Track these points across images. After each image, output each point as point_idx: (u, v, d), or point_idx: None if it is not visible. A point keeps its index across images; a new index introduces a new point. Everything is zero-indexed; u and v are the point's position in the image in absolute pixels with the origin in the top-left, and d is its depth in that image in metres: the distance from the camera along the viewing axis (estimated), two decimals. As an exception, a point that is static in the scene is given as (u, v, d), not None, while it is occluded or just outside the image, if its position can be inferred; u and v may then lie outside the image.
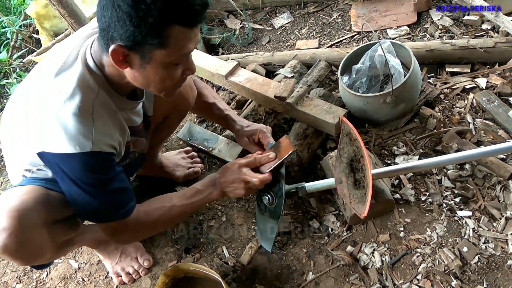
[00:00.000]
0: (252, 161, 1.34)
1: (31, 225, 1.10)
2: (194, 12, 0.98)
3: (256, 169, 1.34)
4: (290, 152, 1.32)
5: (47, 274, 1.67)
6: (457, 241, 1.39)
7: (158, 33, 0.97)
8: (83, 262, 1.67)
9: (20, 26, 3.00)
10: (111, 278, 1.58)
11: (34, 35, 3.00)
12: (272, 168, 1.33)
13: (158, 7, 0.93)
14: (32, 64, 2.71)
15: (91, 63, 1.10)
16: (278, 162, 1.33)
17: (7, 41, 3.00)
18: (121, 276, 1.55)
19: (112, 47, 0.99)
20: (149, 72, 1.06)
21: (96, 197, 1.11)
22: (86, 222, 1.72)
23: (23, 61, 2.82)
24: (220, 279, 1.28)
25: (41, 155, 1.11)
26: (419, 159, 1.60)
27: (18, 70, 2.81)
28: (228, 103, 2.05)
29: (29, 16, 2.87)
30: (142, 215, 1.23)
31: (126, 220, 1.19)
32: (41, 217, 1.13)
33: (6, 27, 3.00)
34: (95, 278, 1.61)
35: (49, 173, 1.20)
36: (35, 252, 1.16)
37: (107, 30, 0.99)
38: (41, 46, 2.82)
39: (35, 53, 2.70)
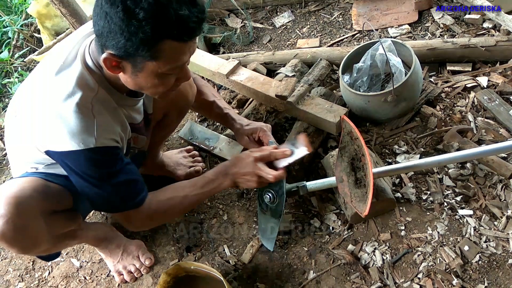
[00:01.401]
0: (267, 155, 1.32)
1: (28, 213, 1.12)
2: (189, 28, 0.97)
3: (269, 163, 1.33)
4: (307, 152, 1.31)
5: (49, 272, 1.68)
6: (458, 240, 1.39)
7: (150, 47, 0.96)
8: (85, 261, 1.67)
9: (21, 26, 3.00)
10: (113, 276, 1.58)
11: (36, 35, 3.00)
12: (286, 165, 1.32)
13: (151, 24, 0.92)
14: (34, 63, 2.71)
15: (90, 63, 1.11)
16: (294, 160, 1.32)
17: (9, 40, 3.00)
18: (122, 274, 1.56)
19: (104, 55, 1.00)
20: (141, 80, 1.07)
21: (105, 190, 1.13)
22: (88, 219, 1.74)
23: (24, 60, 2.82)
24: (222, 278, 1.28)
25: (48, 153, 1.13)
26: (420, 158, 1.60)
27: (19, 69, 2.81)
28: (229, 102, 2.05)
29: (31, 16, 2.88)
30: (154, 205, 1.24)
31: (139, 209, 1.21)
32: (39, 206, 1.14)
33: (7, 26, 3.01)
34: (96, 276, 1.62)
35: (53, 170, 1.21)
36: (32, 240, 1.17)
37: (100, 37, 1.00)
38: (42, 45, 2.83)
39: (36, 52, 2.70)
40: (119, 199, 1.17)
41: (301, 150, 1.32)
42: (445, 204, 1.49)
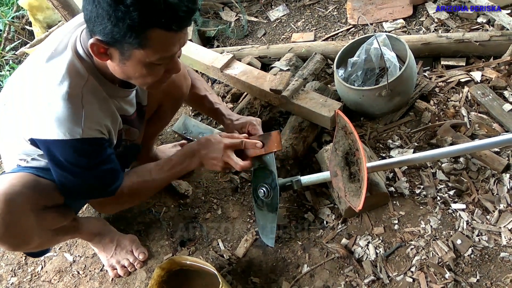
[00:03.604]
0: (238, 144, 1.34)
1: (18, 209, 1.11)
2: (178, 18, 0.95)
3: (238, 151, 1.35)
4: (276, 150, 1.33)
5: (42, 267, 1.67)
6: (451, 233, 1.40)
7: (137, 34, 0.95)
8: (78, 255, 1.66)
9: (12, 18, 2.96)
10: (106, 271, 1.57)
11: (27, 27, 2.96)
12: (254, 156, 1.35)
13: (138, 10, 0.90)
14: (25, 56, 2.68)
15: (80, 51, 1.09)
16: (262, 154, 1.34)
17: (0, 33, 2.96)
18: (116, 269, 1.55)
19: (91, 40, 0.98)
20: (129, 68, 1.05)
21: (85, 178, 1.14)
22: (80, 214, 1.73)
23: (16, 53, 2.79)
24: (216, 272, 1.28)
25: (32, 140, 1.12)
26: (413, 152, 1.61)
27: (11, 62, 2.78)
28: (224, 96, 2.04)
29: (22, 8, 2.84)
30: (126, 190, 1.26)
31: (113, 196, 1.23)
32: (29, 202, 1.13)
33: (-2, 18, 2.97)
34: (90, 271, 1.61)
35: (43, 163, 1.20)
36: (22, 236, 1.16)
37: (89, 22, 0.98)
38: (34, 38, 2.79)
39: (28, 45, 2.67)
40: (97, 187, 1.19)
41: (272, 147, 1.34)
42: (438, 198, 1.50)
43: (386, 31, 2.11)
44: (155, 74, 1.08)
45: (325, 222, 1.55)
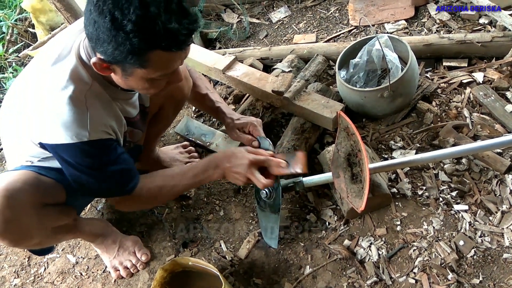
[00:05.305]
0: (262, 161, 1.32)
1: (19, 205, 1.12)
2: (177, 41, 0.96)
3: (261, 167, 1.34)
4: (302, 172, 1.32)
5: (45, 268, 1.67)
6: (454, 234, 1.40)
7: (138, 57, 0.96)
8: (81, 257, 1.67)
9: (15, 20, 2.98)
10: (109, 272, 1.58)
11: (30, 29, 2.98)
12: (277, 174, 1.34)
13: (138, 37, 0.91)
14: (28, 58, 2.70)
15: (84, 57, 1.11)
16: (286, 173, 1.33)
17: (3, 35, 2.98)
18: (119, 270, 1.55)
19: (93, 60, 1.01)
20: (131, 82, 1.08)
21: (98, 179, 1.16)
22: (83, 215, 1.73)
23: (19, 55, 2.80)
24: (218, 273, 1.28)
25: (42, 145, 1.13)
26: (416, 153, 1.61)
27: (14, 64, 2.79)
28: (226, 98, 2.05)
29: (25, 10, 2.85)
30: (145, 191, 1.27)
31: (130, 195, 1.24)
32: (30, 198, 1.15)
33: (1, 21, 2.98)
34: (92, 272, 1.61)
35: (48, 164, 1.21)
36: (23, 232, 1.18)
37: (90, 41, 1.00)
38: (37, 40, 2.81)
39: (31, 47, 2.68)
40: (111, 186, 1.20)
41: (296, 168, 1.32)
42: (441, 199, 1.49)
43: (388, 32, 2.11)
44: (157, 86, 1.11)
45: (327, 223, 1.55)
